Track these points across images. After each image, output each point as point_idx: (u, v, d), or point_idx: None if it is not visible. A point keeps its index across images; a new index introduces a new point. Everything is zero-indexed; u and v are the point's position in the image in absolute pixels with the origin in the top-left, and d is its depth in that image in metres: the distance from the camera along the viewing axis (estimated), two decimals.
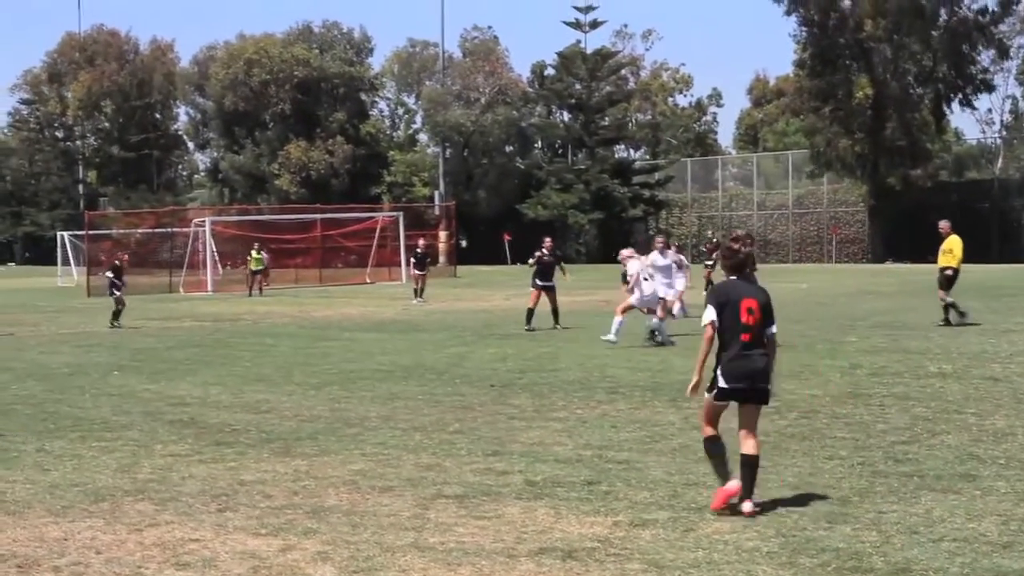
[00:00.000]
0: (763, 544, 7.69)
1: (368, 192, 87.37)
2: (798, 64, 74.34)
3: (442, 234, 74.11)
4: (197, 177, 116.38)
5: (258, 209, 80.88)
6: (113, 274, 30.85)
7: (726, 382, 8.65)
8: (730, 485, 8.61)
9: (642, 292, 21.37)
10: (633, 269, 21.66)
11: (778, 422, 12.18)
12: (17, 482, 10.24)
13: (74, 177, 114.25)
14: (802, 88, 74.37)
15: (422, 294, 38.06)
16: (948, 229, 24.11)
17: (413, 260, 40.48)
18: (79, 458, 11.33)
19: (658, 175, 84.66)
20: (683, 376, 9.08)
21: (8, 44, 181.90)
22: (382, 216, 63.69)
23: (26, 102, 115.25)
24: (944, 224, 24.26)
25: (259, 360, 20.36)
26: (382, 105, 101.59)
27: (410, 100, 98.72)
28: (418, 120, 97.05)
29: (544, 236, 28.49)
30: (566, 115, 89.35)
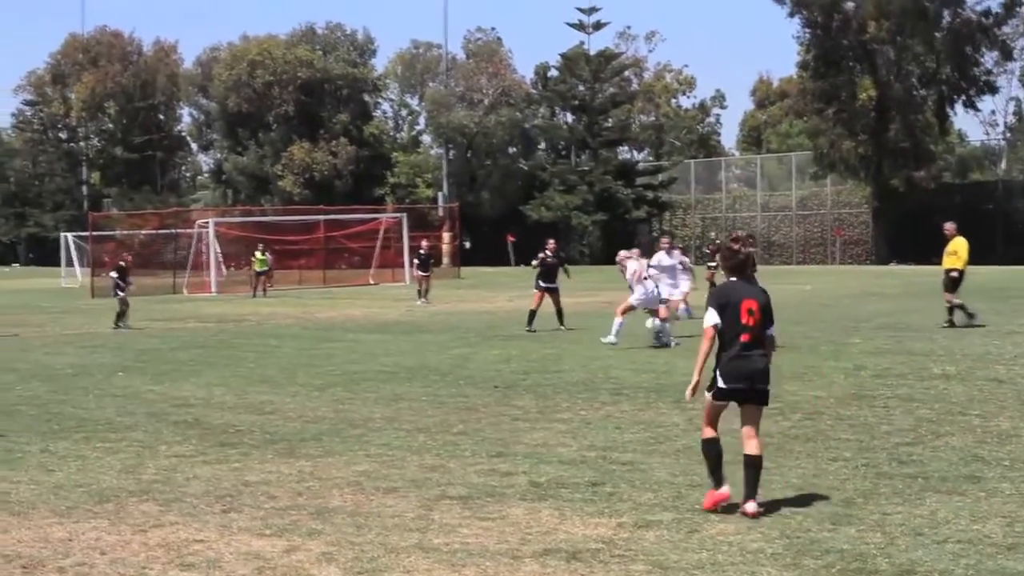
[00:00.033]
0: (767, 545, 7.69)
1: (371, 193, 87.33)
2: (801, 66, 74.32)
3: (445, 235, 74.08)
4: (201, 178, 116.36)
5: (262, 210, 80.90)
6: (117, 275, 30.87)
7: (725, 382, 8.68)
8: (722, 491, 8.68)
9: (645, 291, 21.34)
10: (631, 270, 21.63)
11: (782, 423, 12.19)
12: (21, 483, 10.25)
13: (78, 178, 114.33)
14: (805, 90, 74.35)
15: (426, 295, 38.06)
16: (954, 231, 24.06)
17: (416, 261, 40.49)
18: (83, 459, 11.34)
19: (661, 177, 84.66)
20: (687, 378, 9.08)
21: (12, 45, 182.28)
22: (385, 217, 63.66)
23: (30, 103, 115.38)
24: (950, 226, 24.20)
25: (263, 361, 20.37)
26: (385, 106, 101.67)
27: (413, 101, 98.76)
28: (421, 121, 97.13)
29: (547, 238, 28.51)
30: (569, 116, 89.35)
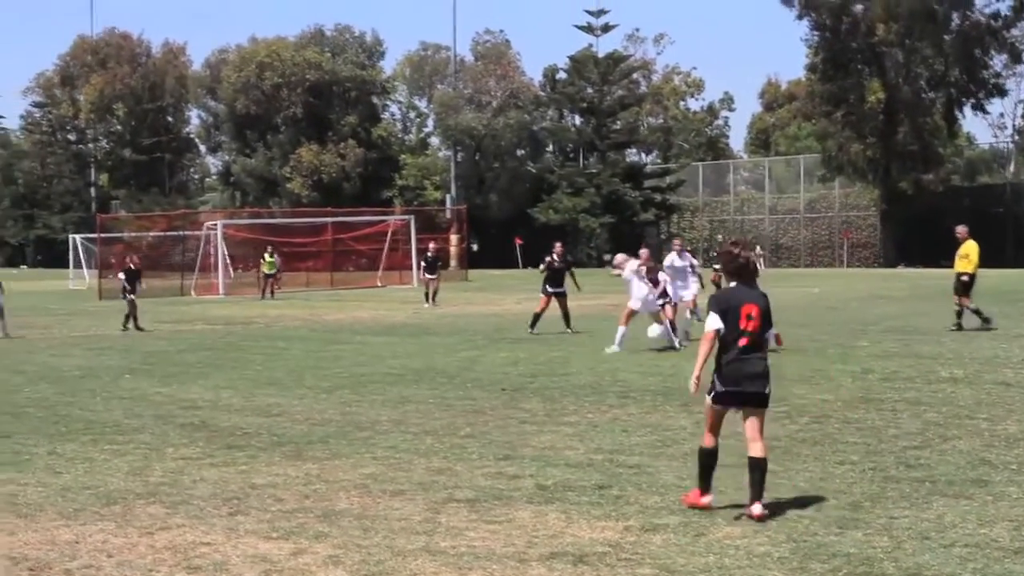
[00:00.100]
0: (774, 549, 7.67)
1: (379, 195, 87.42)
2: (810, 68, 74.28)
3: (453, 238, 74.13)
4: (209, 180, 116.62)
5: (270, 212, 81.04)
6: (125, 277, 30.89)
7: (723, 385, 8.72)
8: (705, 499, 8.76)
9: (642, 293, 21.26)
10: (628, 273, 21.58)
11: (789, 427, 12.17)
12: (29, 485, 10.26)
13: (86, 180, 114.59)
14: (814, 92, 74.32)
15: (434, 297, 38.06)
16: (965, 234, 23.96)
17: (424, 264, 40.50)
18: (91, 461, 11.35)
19: (669, 179, 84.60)
20: None
21: (21, 47, 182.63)
22: (393, 220, 63.71)
23: (38, 105, 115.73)
24: (961, 229, 24.10)
25: (270, 364, 20.38)
26: (394, 108, 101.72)
27: (422, 104, 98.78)
28: (430, 124, 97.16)
29: (555, 240, 28.47)
30: (578, 119, 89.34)
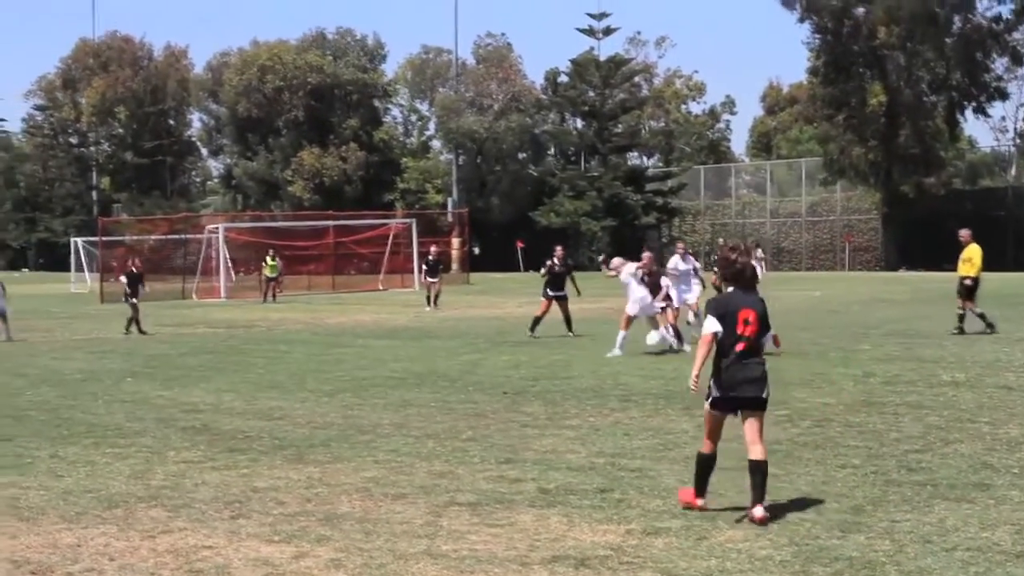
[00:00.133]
0: (776, 553, 7.67)
1: (381, 199, 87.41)
2: (811, 71, 74.20)
3: (455, 241, 74.12)
4: (210, 183, 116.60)
5: (271, 215, 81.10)
6: (127, 281, 30.90)
7: (720, 391, 8.74)
8: (699, 501, 8.83)
9: (639, 298, 21.25)
10: (626, 276, 21.59)
11: (791, 430, 12.17)
12: (31, 488, 10.27)
13: (88, 183, 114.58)
14: (815, 95, 74.26)
15: (436, 301, 38.05)
16: (968, 238, 23.94)
17: (425, 267, 40.51)
18: (93, 464, 11.36)
19: (671, 182, 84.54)
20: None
21: (22, 50, 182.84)
22: (395, 223, 63.75)
23: (40, 108, 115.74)
24: (964, 232, 24.07)
25: (272, 367, 20.39)
26: (395, 112, 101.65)
27: (423, 107, 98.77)
28: (431, 127, 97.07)
29: (556, 244, 28.50)
30: (579, 122, 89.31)
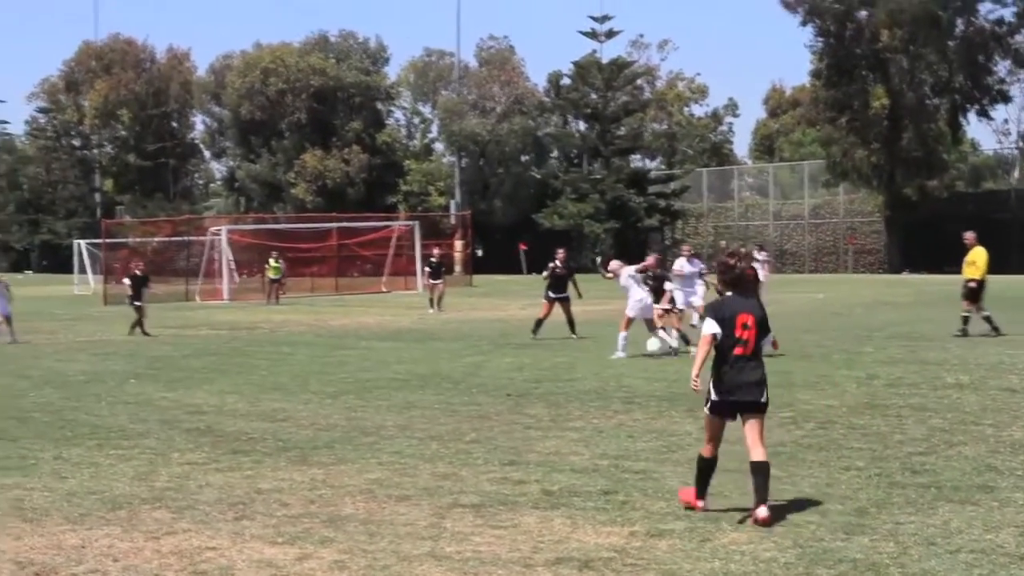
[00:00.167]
0: (780, 555, 7.67)
1: (384, 201, 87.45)
2: (814, 74, 74.20)
3: (458, 243, 74.09)
4: (213, 186, 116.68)
5: (274, 218, 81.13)
6: (130, 283, 30.91)
7: (719, 394, 8.78)
8: (699, 503, 8.88)
9: (638, 299, 21.28)
10: (625, 279, 21.63)
11: (795, 432, 12.17)
12: (35, 490, 10.27)
13: (91, 185, 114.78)
14: (818, 98, 74.24)
15: (440, 303, 38.04)
16: (973, 240, 23.91)
17: (428, 269, 40.51)
18: (96, 466, 11.37)
19: (674, 185, 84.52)
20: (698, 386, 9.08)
21: (26, 53, 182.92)
22: (398, 225, 63.76)
23: (43, 110, 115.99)
24: (969, 235, 24.04)
25: (276, 369, 20.40)
26: (398, 114, 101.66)
27: (426, 109, 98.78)
28: (434, 129, 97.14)
29: (559, 246, 28.53)
30: (582, 125, 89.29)
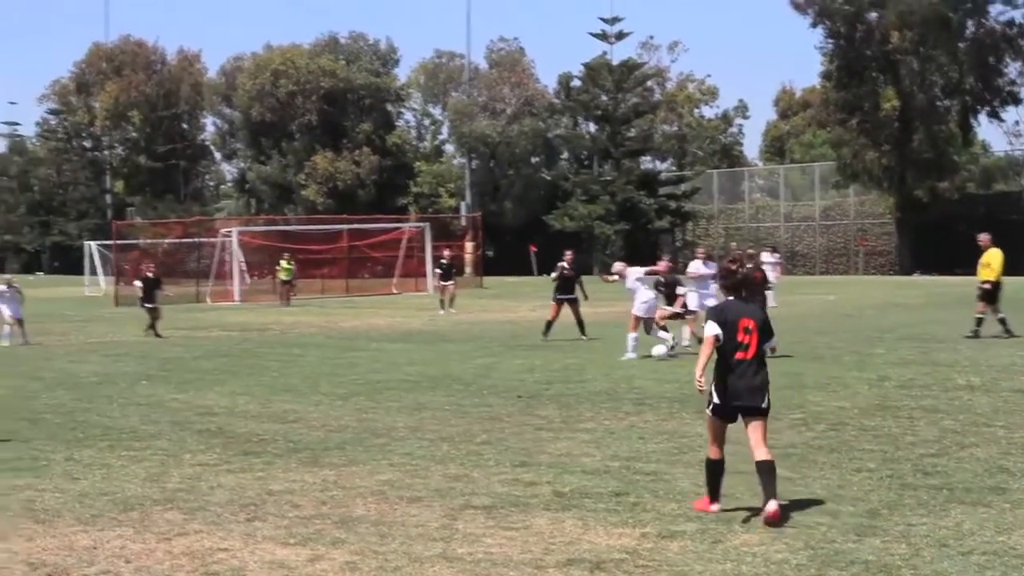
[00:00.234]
0: (792, 556, 7.66)
1: (394, 203, 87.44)
2: (824, 76, 74.02)
3: (468, 245, 74.06)
4: (224, 187, 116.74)
5: (285, 219, 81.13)
6: (142, 285, 30.94)
7: (720, 398, 8.82)
8: (713, 506, 8.90)
9: (645, 299, 21.31)
10: (632, 282, 21.66)
11: (806, 434, 12.16)
12: (47, 491, 10.30)
13: (102, 187, 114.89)
14: (828, 100, 74.07)
15: (451, 304, 38.03)
16: (988, 242, 23.82)
17: (439, 271, 40.51)
18: (108, 467, 11.39)
19: (684, 186, 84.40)
20: (707, 388, 9.08)
21: (36, 54, 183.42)
22: (408, 227, 63.76)
23: (54, 112, 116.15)
24: (984, 237, 23.96)
25: (287, 370, 20.42)
26: (408, 116, 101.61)
27: (436, 111, 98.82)
28: (444, 131, 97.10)
29: (568, 248, 28.52)
30: (592, 126, 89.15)
